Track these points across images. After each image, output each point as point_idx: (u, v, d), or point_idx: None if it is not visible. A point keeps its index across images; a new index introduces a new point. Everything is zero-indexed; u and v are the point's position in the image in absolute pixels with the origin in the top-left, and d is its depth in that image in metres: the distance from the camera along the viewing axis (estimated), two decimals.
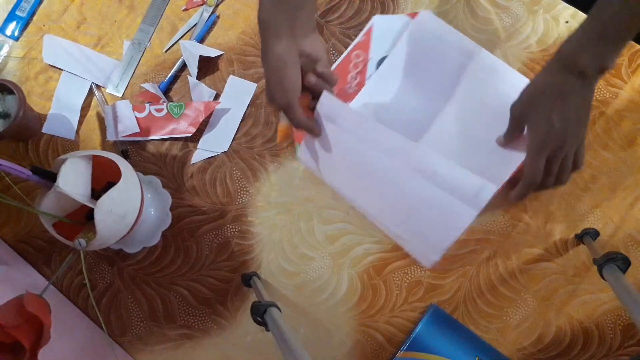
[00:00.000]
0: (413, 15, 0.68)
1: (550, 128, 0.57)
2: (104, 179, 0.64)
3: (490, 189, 0.52)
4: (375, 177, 0.61)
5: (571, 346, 0.63)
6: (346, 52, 0.70)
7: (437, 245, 0.59)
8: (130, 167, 0.63)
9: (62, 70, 0.78)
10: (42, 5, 0.81)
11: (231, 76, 0.75)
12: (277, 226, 0.70)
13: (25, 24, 0.81)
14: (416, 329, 0.64)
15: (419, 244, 0.62)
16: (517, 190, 0.61)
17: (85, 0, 0.81)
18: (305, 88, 0.58)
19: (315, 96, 0.59)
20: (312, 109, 0.60)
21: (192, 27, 0.78)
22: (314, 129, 0.60)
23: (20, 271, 0.72)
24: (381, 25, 0.70)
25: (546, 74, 0.58)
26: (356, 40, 0.70)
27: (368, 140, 0.59)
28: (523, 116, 0.60)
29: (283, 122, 0.63)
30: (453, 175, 0.54)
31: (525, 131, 0.60)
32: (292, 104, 0.56)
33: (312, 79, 0.58)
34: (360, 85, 0.70)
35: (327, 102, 0.58)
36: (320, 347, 0.67)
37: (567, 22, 0.71)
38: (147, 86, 0.76)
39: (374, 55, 0.70)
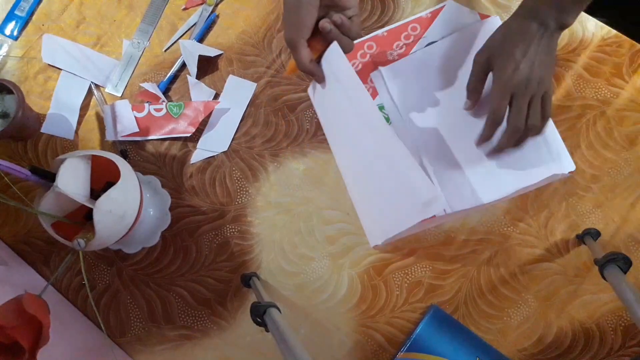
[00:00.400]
0: (483, 16, 0.69)
1: (515, 67, 0.60)
2: (103, 179, 0.64)
3: (439, 206, 0.53)
4: (353, 143, 0.63)
5: (572, 347, 0.63)
6: (405, 20, 0.72)
7: (383, 232, 0.62)
8: (129, 167, 0.63)
9: (61, 69, 0.78)
10: (41, 5, 0.81)
11: (231, 76, 0.75)
12: (277, 226, 0.70)
13: (24, 24, 0.81)
14: (417, 329, 0.64)
15: (370, 222, 0.66)
16: (483, 130, 0.63)
17: (84, 0, 0.81)
18: (320, 33, 0.58)
19: (329, 44, 0.59)
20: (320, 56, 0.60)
21: (192, 27, 0.78)
22: (316, 75, 0.61)
23: (19, 271, 0.72)
24: (450, 11, 0.71)
25: (510, 22, 0.62)
26: (420, 14, 0.72)
27: (355, 106, 0.60)
28: (489, 60, 0.63)
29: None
30: (414, 174, 0.54)
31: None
32: (296, 43, 0.57)
33: (326, 25, 0.57)
34: (401, 56, 0.71)
35: (332, 54, 0.59)
36: (320, 348, 0.66)
37: None
38: (147, 86, 0.75)
39: (428, 35, 0.71)
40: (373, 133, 0.58)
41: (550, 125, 0.65)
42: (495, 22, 0.70)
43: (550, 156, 0.64)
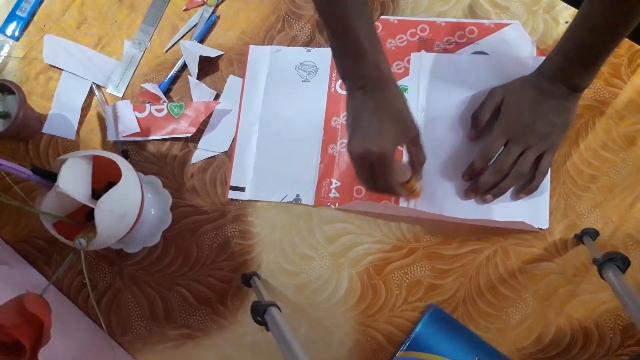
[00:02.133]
0: (540, 52, 0.69)
1: (520, 114, 0.63)
2: (104, 179, 0.64)
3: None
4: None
5: (571, 346, 0.63)
6: (466, 20, 0.72)
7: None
8: (130, 167, 0.63)
9: (62, 70, 0.79)
10: (42, 5, 0.81)
11: (231, 76, 0.76)
12: (277, 226, 0.70)
13: (25, 24, 0.81)
14: (416, 328, 0.64)
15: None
16: (472, 162, 0.66)
17: (85, 1, 0.81)
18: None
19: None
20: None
21: (193, 27, 0.78)
22: (402, 196, 0.62)
23: (20, 271, 0.72)
24: (513, 32, 0.71)
25: (531, 77, 0.64)
26: (483, 21, 0.72)
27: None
28: (501, 95, 0.65)
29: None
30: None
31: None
32: (392, 155, 0.55)
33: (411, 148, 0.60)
34: (446, 51, 0.72)
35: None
36: (320, 347, 0.67)
37: (566, 22, 0.71)
38: (148, 86, 0.76)
39: (481, 44, 0.71)
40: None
41: (545, 180, 0.65)
42: (516, 26, 0.70)
43: (529, 206, 0.65)
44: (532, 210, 0.65)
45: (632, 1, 0.51)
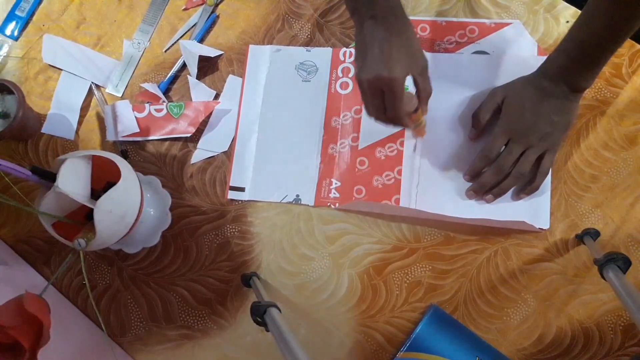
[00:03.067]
0: (541, 52, 0.69)
1: (521, 114, 0.63)
2: (103, 179, 0.64)
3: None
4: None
5: (572, 346, 0.63)
6: (466, 19, 0.72)
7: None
8: (129, 167, 0.63)
9: (61, 70, 0.78)
10: (41, 5, 0.81)
11: (231, 76, 0.75)
12: (277, 226, 0.70)
13: (24, 24, 0.81)
14: (416, 329, 0.64)
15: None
16: (472, 162, 0.66)
17: (84, 0, 0.81)
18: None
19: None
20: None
21: (192, 27, 0.78)
22: (409, 125, 0.61)
23: (19, 271, 0.72)
24: (513, 32, 0.70)
25: (532, 77, 0.64)
26: (483, 20, 0.72)
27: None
28: (501, 95, 0.65)
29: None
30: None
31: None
32: (402, 82, 0.55)
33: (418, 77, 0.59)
34: (447, 51, 0.72)
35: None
36: (320, 347, 0.67)
37: (567, 21, 0.70)
38: (147, 86, 0.76)
39: (482, 43, 0.71)
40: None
41: (546, 180, 0.65)
42: (517, 25, 0.70)
43: (530, 206, 0.65)
44: (533, 210, 0.65)
45: (635, 4, 0.51)
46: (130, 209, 0.61)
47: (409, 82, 0.59)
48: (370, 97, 0.58)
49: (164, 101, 0.75)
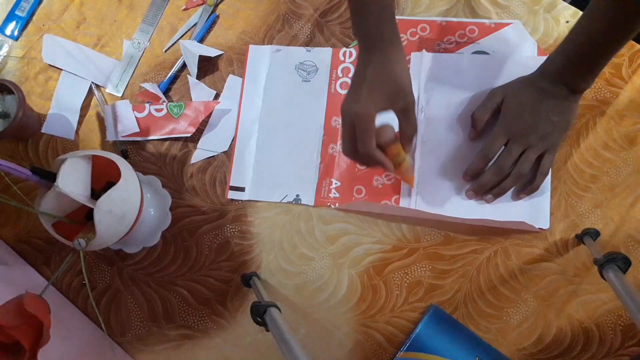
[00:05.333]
0: (541, 52, 0.69)
1: (520, 114, 0.63)
2: (103, 179, 0.64)
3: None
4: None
5: (571, 346, 0.63)
6: (466, 19, 0.72)
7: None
8: (129, 167, 0.63)
9: (61, 70, 0.78)
10: (41, 5, 0.81)
11: (231, 76, 0.75)
12: (277, 226, 0.70)
13: (24, 24, 0.81)
14: (416, 329, 0.64)
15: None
16: (472, 162, 0.65)
17: (85, 0, 0.81)
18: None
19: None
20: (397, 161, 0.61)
21: (192, 27, 0.78)
22: (381, 163, 0.59)
23: (19, 271, 0.72)
24: (513, 32, 0.70)
25: (532, 77, 0.64)
26: (483, 20, 0.71)
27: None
28: (501, 95, 0.64)
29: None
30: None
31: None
32: (372, 118, 0.55)
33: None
34: (447, 51, 0.71)
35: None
36: (320, 347, 0.67)
37: (567, 21, 0.70)
38: (147, 86, 0.76)
39: (482, 43, 0.71)
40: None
41: (546, 180, 0.65)
42: (517, 26, 0.70)
43: (530, 206, 0.65)
44: (533, 210, 0.65)
45: (635, 7, 0.51)
46: (130, 209, 0.61)
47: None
48: (343, 129, 0.58)
49: (164, 101, 0.75)
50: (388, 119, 0.58)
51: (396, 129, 0.60)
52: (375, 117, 0.55)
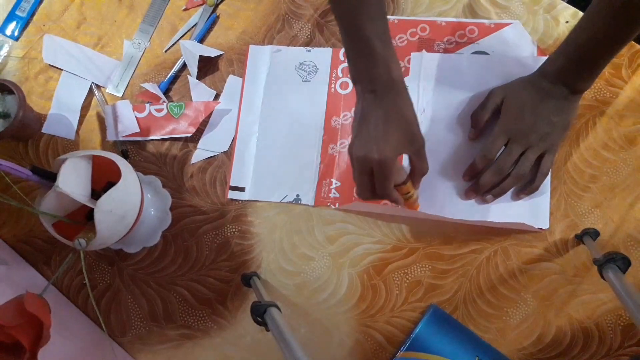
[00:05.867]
0: (541, 52, 0.69)
1: (520, 114, 0.63)
2: (103, 179, 0.64)
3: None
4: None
5: (571, 346, 0.63)
6: (466, 20, 0.72)
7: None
8: (130, 167, 0.63)
9: (62, 70, 0.78)
10: (42, 5, 0.81)
11: (231, 76, 0.75)
12: (277, 226, 0.70)
13: (25, 24, 0.81)
14: (416, 329, 0.64)
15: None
16: (472, 162, 0.65)
17: (85, 0, 0.81)
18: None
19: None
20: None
21: (192, 27, 0.78)
22: (399, 202, 0.59)
23: (20, 271, 0.72)
24: (513, 32, 0.70)
25: (531, 78, 0.64)
26: (482, 20, 0.71)
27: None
28: (501, 95, 0.64)
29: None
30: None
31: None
32: (392, 163, 0.54)
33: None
34: (446, 51, 0.71)
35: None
36: (320, 347, 0.67)
37: (567, 22, 0.71)
38: (147, 86, 0.76)
39: (481, 44, 0.71)
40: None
41: (546, 180, 0.65)
42: (516, 26, 0.70)
43: (530, 206, 0.65)
44: (533, 210, 0.65)
45: (636, 9, 0.51)
46: (130, 209, 0.61)
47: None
48: (358, 174, 0.57)
49: (164, 101, 0.75)
50: None
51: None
52: (394, 163, 0.55)
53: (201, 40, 0.77)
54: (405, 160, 0.66)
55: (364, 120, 0.55)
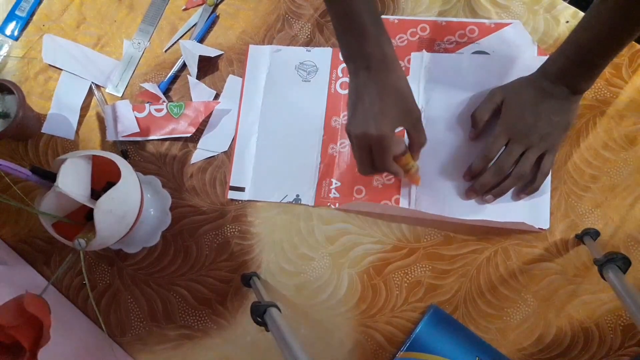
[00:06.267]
0: (541, 52, 0.69)
1: (520, 114, 0.63)
2: (103, 179, 0.64)
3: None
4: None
5: (571, 346, 0.63)
6: (467, 19, 0.72)
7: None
8: (129, 167, 0.63)
9: (61, 70, 0.78)
10: (41, 5, 0.81)
11: (231, 76, 0.75)
12: (277, 226, 0.70)
13: (24, 24, 0.81)
14: (416, 329, 0.64)
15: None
16: (473, 162, 0.66)
17: (85, 0, 0.81)
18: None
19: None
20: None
21: (192, 27, 0.78)
22: (399, 175, 0.60)
23: (19, 271, 0.72)
24: (513, 32, 0.70)
25: (532, 78, 0.64)
26: (483, 20, 0.71)
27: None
28: (501, 95, 0.65)
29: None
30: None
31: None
32: (391, 137, 0.55)
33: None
34: (447, 50, 0.71)
35: None
36: (320, 347, 0.67)
37: (567, 21, 0.70)
38: (147, 86, 0.76)
39: (482, 44, 0.71)
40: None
41: (546, 180, 0.65)
42: (517, 26, 0.70)
43: (530, 206, 0.65)
44: (533, 210, 0.65)
45: (637, 10, 0.51)
46: (130, 209, 0.61)
47: None
48: (357, 150, 0.58)
49: (164, 101, 0.75)
50: None
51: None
52: (393, 137, 0.56)
53: (201, 40, 0.77)
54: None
55: (359, 97, 0.56)
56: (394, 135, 0.56)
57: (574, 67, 0.59)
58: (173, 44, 0.78)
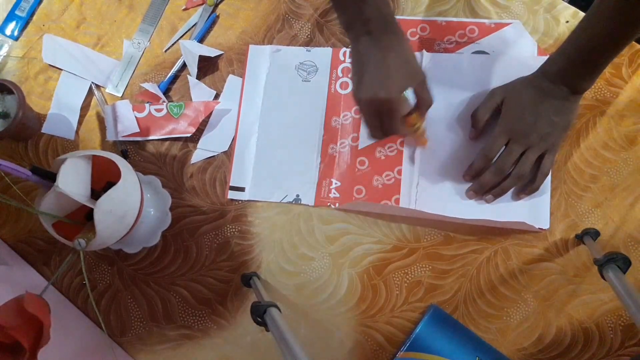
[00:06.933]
0: (541, 52, 0.69)
1: (520, 114, 0.63)
2: (103, 179, 0.64)
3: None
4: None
5: (571, 346, 0.63)
6: (466, 19, 0.72)
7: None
8: (129, 167, 0.63)
9: (61, 70, 0.78)
10: (41, 5, 0.81)
11: (231, 76, 0.75)
12: (277, 226, 0.70)
13: (24, 24, 0.81)
14: (416, 329, 0.64)
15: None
16: (473, 161, 0.66)
17: (85, 0, 0.81)
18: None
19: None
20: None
21: (192, 27, 0.78)
22: (406, 135, 0.63)
23: (19, 271, 0.72)
24: (513, 32, 0.70)
25: (531, 78, 0.64)
26: (483, 20, 0.71)
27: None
28: (501, 95, 0.65)
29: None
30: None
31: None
32: (398, 101, 0.56)
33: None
34: (447, 50, 0.71)
35: None
36: (320, 347, 0.67)
37: (567, 21, 0.70)
38: (147, 86, 0.76)
39: (482, 43, 0.71)
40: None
41: (546, 180, 0.65)
42: (517, 26, 0.70)
43: (530, 206, 0.65)
44: (533, 210, 0.65)
45: (637, 10, 0.51)
46: (130, 209, 0.61)
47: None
48: (367, 116, 0.59)
49: (164, 101, 0.75)
50: None
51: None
52: (400, 99, 0.56)
53: (201, 40, 0.77)
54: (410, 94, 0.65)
55: (364, 63, 0.56)
56: (401, 97, 0.57)
57: (574, 67, 0.59)
58: (173, 44, 0.78)
